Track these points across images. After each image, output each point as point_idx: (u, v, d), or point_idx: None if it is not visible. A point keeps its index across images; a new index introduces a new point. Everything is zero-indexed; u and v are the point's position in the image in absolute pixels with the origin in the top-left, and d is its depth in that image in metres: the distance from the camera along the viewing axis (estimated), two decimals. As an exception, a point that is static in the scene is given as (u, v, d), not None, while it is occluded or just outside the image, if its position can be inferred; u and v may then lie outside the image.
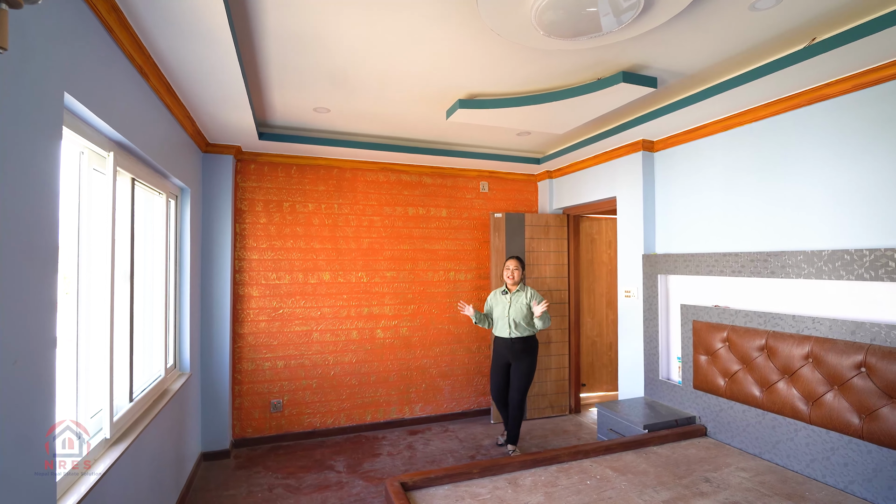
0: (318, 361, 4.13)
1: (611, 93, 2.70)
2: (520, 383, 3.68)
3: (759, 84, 2.58)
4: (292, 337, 4.06)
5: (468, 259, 4.67)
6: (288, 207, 4.09)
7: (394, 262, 4.40)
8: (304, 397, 4.08)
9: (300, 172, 4.13)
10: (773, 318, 2.67)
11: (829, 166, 2.54)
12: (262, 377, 3.97)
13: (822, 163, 2.58)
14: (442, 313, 4.55)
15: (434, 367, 4.51)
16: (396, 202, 4.43)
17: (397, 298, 4.40)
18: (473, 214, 4.71)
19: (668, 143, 3.53)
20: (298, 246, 4.11)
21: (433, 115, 3.36)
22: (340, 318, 4.21)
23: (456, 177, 4.66)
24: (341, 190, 4.26)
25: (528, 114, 3.06)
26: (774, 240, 2.80)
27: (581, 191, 4.39)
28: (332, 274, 4.19)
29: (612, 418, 3.26)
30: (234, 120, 3.18)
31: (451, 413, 4.56)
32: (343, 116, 3.42)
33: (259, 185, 4.01)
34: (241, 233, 3.95)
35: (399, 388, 4.38)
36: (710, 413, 3.04)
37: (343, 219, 4.25)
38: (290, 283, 4.06)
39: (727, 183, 3.09)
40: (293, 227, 4.10)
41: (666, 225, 3.57)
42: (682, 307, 3.25)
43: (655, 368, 3.50)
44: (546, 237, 4.66)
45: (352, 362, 4.23)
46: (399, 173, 4.45)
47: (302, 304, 4.09)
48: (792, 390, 2.56)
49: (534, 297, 3.65)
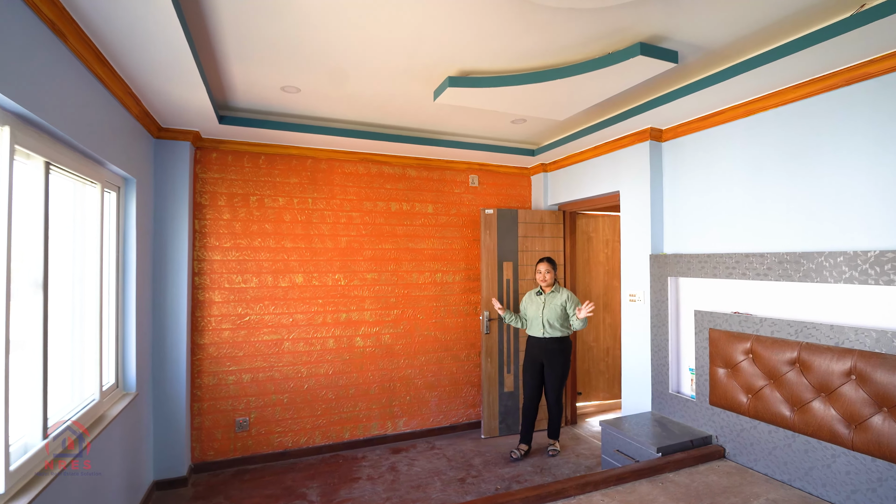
0: (290, 374, 3.70)
1: (625, 69, 2.34)
2: (555, 384, 3.69)
3: (791, 62, 2.25)
4: (260, 347, 3.62)
5: (456, 259, 4.29)
6: (255, 202, 3.65)
7: (375, 263, 3.99)
8: (274, 414, 3.65)
9: (269, 163, 3.70)
10: (807, 327, 2.34)
11: (871, 155, 2.22)
12: (225, 393, 3.52)
13: (862, 151, 2.25)
14: (428, 319, 4.16)
15: (419, 378, 4.12)
16: (378, 197, 4.02)
17: (379, 303, 3.99)
18: (462, 210, 4.33)
19: (679, 131, 3.19)
20: (267, 245, 3.67)
21: (419, 96, 2.96)
22: (315, 325, 3.79)
23: (443, 169, 4.27)
24: (316, 182, 3.83)
25: (528, 95, 2.69)
26: (807, 239, 2.47)
27: (579, 185, 4.04)
28: (306, 276, 3.77)
29: (618, 438, 2.92)
30: (188, 100, 2.73)
31: (438, 427, 4.17)
32: (316, 98, 3.00)
33: (222, 176, 3.56)
34: (201, 230, 3.50)
35: (381, 401, 3.98)
36: (730, 433, 2.72)
37: (318, 215, 3.82)
38: (257, 287, 3.63)
39: (750, 175, 2.76)
40: (261, 224, 3.66)
41: (675, 222, 3.24)
42: (697, 314, 2.92)
43: (665, 381, 3.17)
44: (541, 235, 4.30)
45: (328, 374, 3.81)
46: (381, 165, 4.04)
47: (272, 310, 3.66)
48: (830, 410, 2.24)
49: (570, 299, 3.65)
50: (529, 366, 3.75)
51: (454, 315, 4.25)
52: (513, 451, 3.70)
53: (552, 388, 3.70)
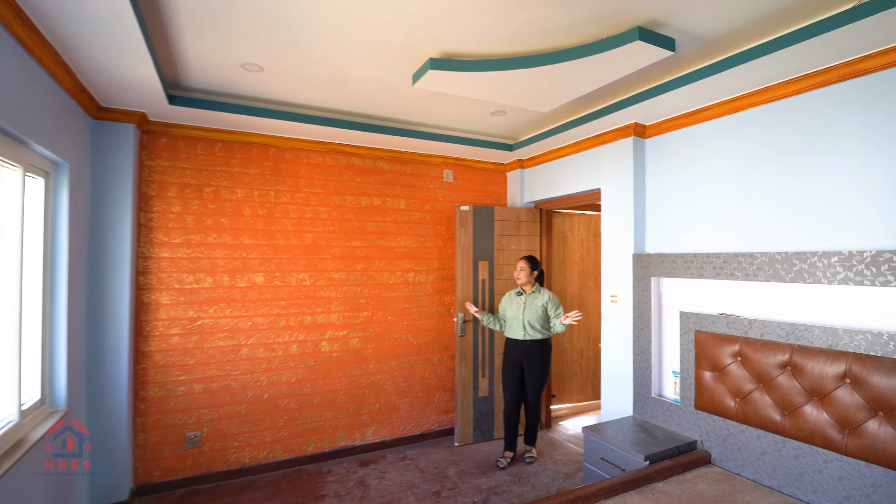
0: (249, 382, 3.38)
1: (620, 56, 2.20)
2: (535, 388, 3.54)
3: (785, 56, 2.18)
4: (215, 354, 3.29)
5: (430, 258, 4.07)
6: (210, 193, 3.30)
7: (343, 262, 3.72)
8: (230, 427, 3.32)
9: (227, 151, 3.36)
10: (799, 329, 2.28)
11: (863, 153, 2.17)
12: (174, 405, 3.17)
13: (854, 149, 2.21)
14: (399, 321, 3.92)
15: (390, 384, 3.88)
16: (347, 190, 3.75)
17: (347, 304, 3.72)
18: (436, 207, 4.12)
19: (663, 127, 3.10)
20: (224, 241, 3.33)
21: (396, 81, 2.73)
22: (277, 329, 3.48)
23: (417, 163, 4.05)
24: (279, 174, 3.52)
25: (515, 82, 2.51)
26: (797, 239, 2.41)
27: (557, 182, 3.92)
28: (267, 275, 3.46)
29: (602, 445, 2.79)
30: (133, 75, 2.39)
31: (410, 436, 3.94)
32: (280, 79, 2.72)
33: (172, 164, 3.20)
34: (147, 224, 3.13)
35: (348, 409, 3.71)
36: (716, 438, 2.64)
37: (281, 209, 3.52)
38: (212, 288, 3.29)
39: (737, 173, 2.69)
40: (217, 218, 3.32)
41: (658, 221, 3.15)
42: (682, 315, 2.83)
43: (647, 384, 3.07)
44: (517, 234, 4.15)
45: (290, 382, 3.51)
46: (350, 156, 3.77)
47: (228, 313, 3.33)
48: (823, 415, 2.18)
49: (551, 300, 3.49)
50: (509, 369, 3.58)
51: (427, 317, 4.04)
52: (499, 461, 3.53)
53: (532, 391, 3.55)
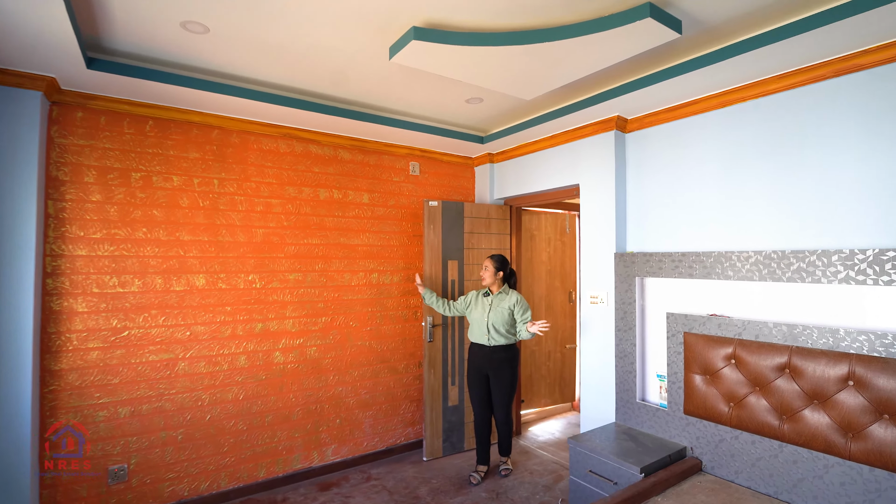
0: (187, 402, 2.90)
1: (626, 35, 2.01)
2: (503, 398, 3.26)
3: (780, 48, 2.11)
4: (145, 370, 2.78)
5: (395, 257, 3.74)
6: (140, 180, 2.79)
7: (299, 261, 3.31)
8: (164, 457, 2.82)
9: (160, 130, 2.86)
10: (797, 330, 2.20)
11: (860, 150, 2.13)
12: (93, 434, 2.63)
13: (850, 146, 2.16)
14: (362, 326, 3.56)
15: (352, 396, 3.51)
16: (303, 181, 3.35)
17: (304, 309, 3.32)
18: (402, 202, 3.80)
19: (646, 122, 2.99)
20: (156, 237, 2.83)
21: (369, 54, 2.39)
22: (221, 340, 3.01)
23: (381, 154, 3.71)
24: (224, 159, 3.06)
25: (505, 61, 2.27)
26: (789, 237, 2.35)
27: (531, 178, 3.73)
28: (210, 277, 2.99)
29: (591, 457, 2.61)
30: (39, 28, 1.90)
31: (374, 452, 3.59)
32: (229, 44, 2.30)
33: (91, 143, 2.67)
34: (57, 215, 2.57)
35: (305, 427, 3.31)
36: (707, 444, 2.54)
37: (227, 200, 3.06)
38: (141, 292, 2.78)
39: (726, 169, 2.61)
40: (148, 210, 2.81)
41: (640, 219, 3.04)
42: (669, 316, 2.72)
43: (631, 389, 2.94)
44: (487, 231, 3.93)
45: (238, 399, 3.06)
46: (307, 143, 3.37)
47: (161, 322, 2.83)
48: (824, 419, 2.10)
49: (518, 303, 3.21)
50: (474, 377, 3.31)
51: (392, 321, 3.71)
52: (472, 476, 3.26)
53: (501, 403, 3.26)
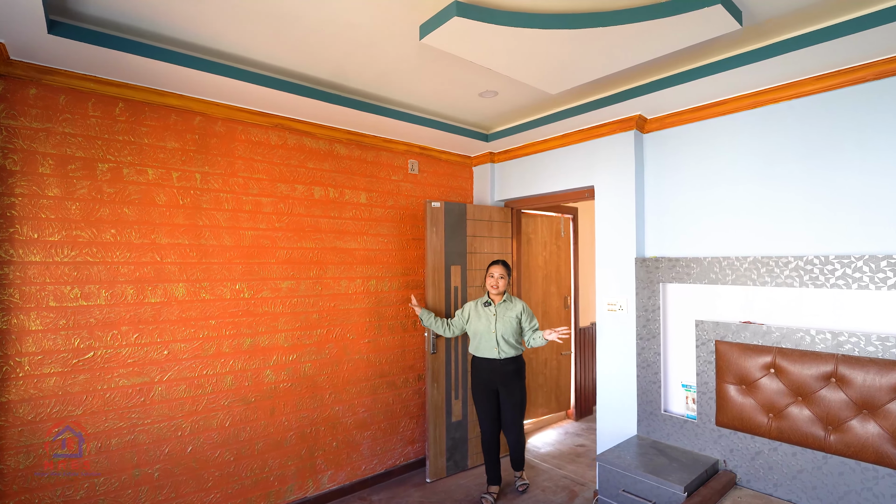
0: (164, 433, 2.48)
1: (692, 22, 1.86)
2: (515, 416, 3.07)
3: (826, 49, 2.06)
4: (114, 398, 2.34)
5: (393, 262, 3.45)
6: (108, 172, 2.36)
7: (292, 268, 2.95)
8: (138, 498, 2.39)
9: (133, 114, 2.43)
10: (841, 338, 2.14)
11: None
12: (50, 478, 2.17)
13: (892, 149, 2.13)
14: (359, 338, 3.25)
15: (349, 415, 3.18)
16: (297, 178, 3.00)
17: (297, 321, 2.96)
18: (400, 202, 3.51)
19: (666, 122, 2.89)
20: (127, 239, 2.40)
21: (395, 31, 2.10)
22: (205, 358, 2.61)
23: (379, 150, 3.41)
24: (207, 151, 2.66)
25: (547, 47, 2.06)
26: (832, 242, 2.28)
27: (538, 179, 3.55)
28: (191, 286, 2.58)
29: (624, 475, 2.45)
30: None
31: (374, 476, 3.28)
32: (225, 13, 1.94)
33: (48, 126, 2.21)
34: (4, 213, 2.11)
35: (299, 453, 2.95)
36: (742, 457, 2.45)
37: (210, 198, 2.66)
38: (109, 305, 2.34)
39: (757, 172, 2.53)
40: (117, 207, 2.38)
41: (660, 223, 2.93)
42: (699, 324, 2.62)
43: (655, 400, 2.82)
44: (489, 235, 3.72)
45: (224, 426, 2.67)
46: (301, 135, 3.02)
47: (134, 340, 2.40)
48: (875, 428, 2.05)
49: (525, 311, 3.11)
50: (482, 393, 3.10)
51: (391, 332, 3.41)
52: (484, 498, 3.03)
53: (512, 420, 3.07)
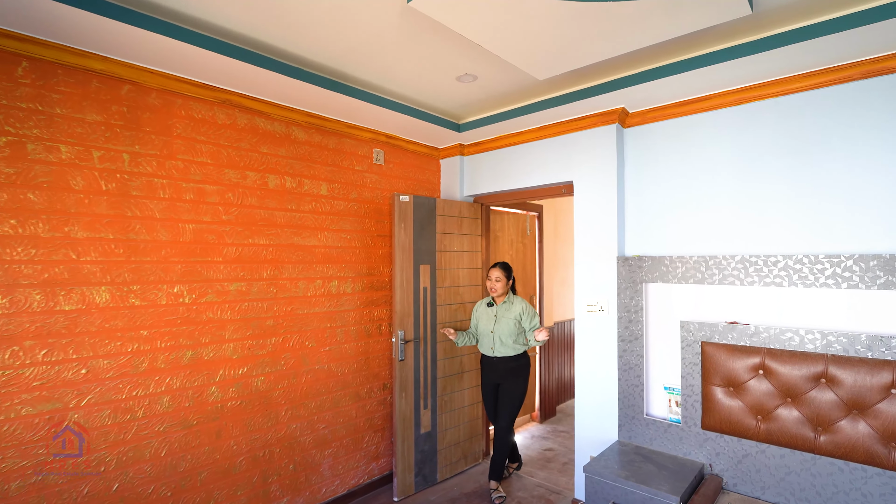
0: (81, 470, 2.02)
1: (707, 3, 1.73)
2: (508, 409, 3.09)
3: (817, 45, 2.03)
4: (15, 431, 1.86)
5: (356, 261, 3.13)
6: (6, 147, 1.87)
7: (242, 267, 2.56)
8: (46, 555, 1.92)
9: (41, 77, 1.95)
10: (830, 337, 2.12)
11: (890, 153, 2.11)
12: (-82, 542, 1.67)
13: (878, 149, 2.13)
14: (320, 346, 2.90)
15: (308, 434, 2.82)
16: (248, 164, 2.60)
17: (248, 328, 2.57)
18: (365, 195, 3.19)
19: (648, 117, 2.80)
20: (32, 232, 1.93)
21: (375, -2, 1.82)
22: (135, 377, 2.17)
23: (342, 136, 3.07)
24: (139, 127, 2.22)
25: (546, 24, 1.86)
26: (817, 241, 2.27)
27: (512, 173, 3.37)
28: (117, 290, 2.13)
29: (615, 486, 2.32)
30: None
31: (335, 498, 2.94)
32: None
33: (-84, 85, 1.70)
34: None
35: (250, 480, 2.56)
36: (728, 460, 2.39)
37: (142, 183, 2.22)
38: (8, 314, 1.86)
39: (741, 170, 2.49)
40: (19, 192, 1.90)
41: (640, 220, 2.84)
42: (684, 325, 2.54)
43: (637, 404, 2.72)
44: (459, 232, 3.49)
45: (158, 457, 2.24)
46: (253, 115, 2.63)
47: (41, 357, 1.93)
48: (865, 428, 2.04)
49: (525, 311, 3.09)
50: (486, 388, 3.25)
51: (354, 338, 3.09)
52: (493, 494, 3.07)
53: (504, 412, 3.11)
